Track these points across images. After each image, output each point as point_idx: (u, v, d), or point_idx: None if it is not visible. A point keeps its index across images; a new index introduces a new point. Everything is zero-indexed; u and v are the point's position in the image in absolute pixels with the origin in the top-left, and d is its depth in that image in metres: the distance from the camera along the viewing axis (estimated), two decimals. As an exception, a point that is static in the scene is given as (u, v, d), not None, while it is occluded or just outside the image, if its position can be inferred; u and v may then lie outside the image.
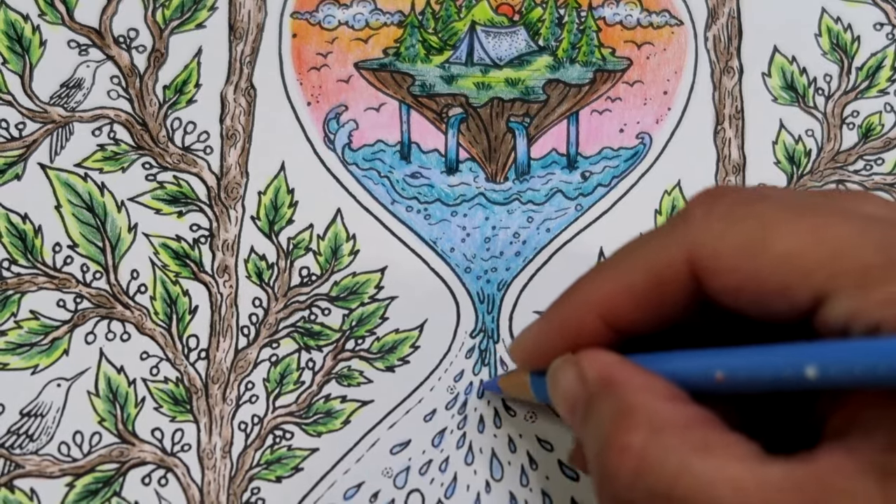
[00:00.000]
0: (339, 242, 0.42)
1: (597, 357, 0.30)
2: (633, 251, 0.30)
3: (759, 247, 0.27)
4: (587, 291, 0.31)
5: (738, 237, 0.27)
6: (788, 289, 0.26)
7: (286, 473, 0.39)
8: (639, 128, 0.44)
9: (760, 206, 0.28)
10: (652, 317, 0.30)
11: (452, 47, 0.44)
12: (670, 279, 0.29)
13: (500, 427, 0.40)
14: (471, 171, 0.43)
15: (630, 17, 0.45)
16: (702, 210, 0.29)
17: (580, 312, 0.31)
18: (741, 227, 0.27)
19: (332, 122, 0.43)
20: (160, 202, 0.42)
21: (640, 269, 0.29)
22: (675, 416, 0.27)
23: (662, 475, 0.26)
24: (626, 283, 0.30)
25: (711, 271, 0.28)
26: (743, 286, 0.27)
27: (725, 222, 0.28)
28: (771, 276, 0.27)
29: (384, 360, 0.41)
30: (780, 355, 0.26)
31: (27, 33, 0.44)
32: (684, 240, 0.28)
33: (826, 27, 0.46)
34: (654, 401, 0.28)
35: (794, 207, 0.27)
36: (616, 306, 0.30)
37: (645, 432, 0.27)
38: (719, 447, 0.26)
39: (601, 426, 0.28)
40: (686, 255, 0.28)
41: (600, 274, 0.31)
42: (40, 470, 0.39)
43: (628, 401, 0.28)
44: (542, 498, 0.39)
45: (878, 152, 0.44)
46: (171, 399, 0.40)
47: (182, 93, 0.43)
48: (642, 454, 0.26)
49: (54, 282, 0.41)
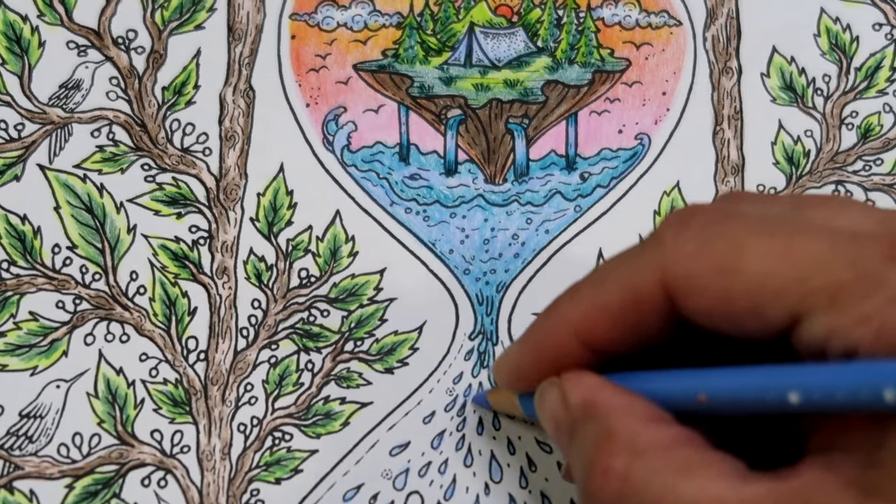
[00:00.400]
0: (338, 244, 0.42)
1: (579, 380, 0.30)
2: (607, 272, 0.30)
3: (731, 267, 0.27)
4: (563, 312, 0.31)
5: (709, 258, 0.27)
6: (762, 309, 0.26)
7: (285, 475, 0.39)
8: (637, 129, 0.44)
9: (731, 226, 0.27)
10: (629, 337, 0.30)
11: (451, 49, 0.44)
12: (645, 300, 0.29)
13: (499, 429, 0.40)
14: (470, 172, 0.43)
15: (629, 17, 0.45)
16: (672, 231, 0.28)
17: (557, 334, 0.31)
18: (712, 247, 0.27)
19: (330, 123, 0.43)
20: (159, 203, 0.42)
21: (615, 291, 0.29)
22: (656, 438, 0.27)
23: (645, 497, 0.26)
24: (601, 304, 0.29)
25: (684, 292, 0.28)
26: (716, 307, 0.27)
27: (696, 243, 0.28)
28: (743, 296, 0.27)
29: (383, 362, 0.41)
30: (763, 379, 0.26)
31: (26, 34, 0.44)
32: (657, 261, 0.28)
33: (825, 27, 0.46)
34: (635, 423, 0.28)
35: (764, 226, 0.27)
36: (592, 327, 0.30)
37: (626, 455, 0.27)
38: (702, 467, 0.26)
39: (584, 449, 0.28)
40: (659, 277, 0.28)
41: (576, 295, 0.31)
42: (40, 471, 0.39)
43: (610, 424, 0.28)
44: (542, 500, 0.39)
45: (877, 153, 0.44)
46: (170, 400, 0.40)
47: (181, 94, 0.43)
48: (624, 477, 0.26)
49: (53, 283, 0.41)
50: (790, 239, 0.26)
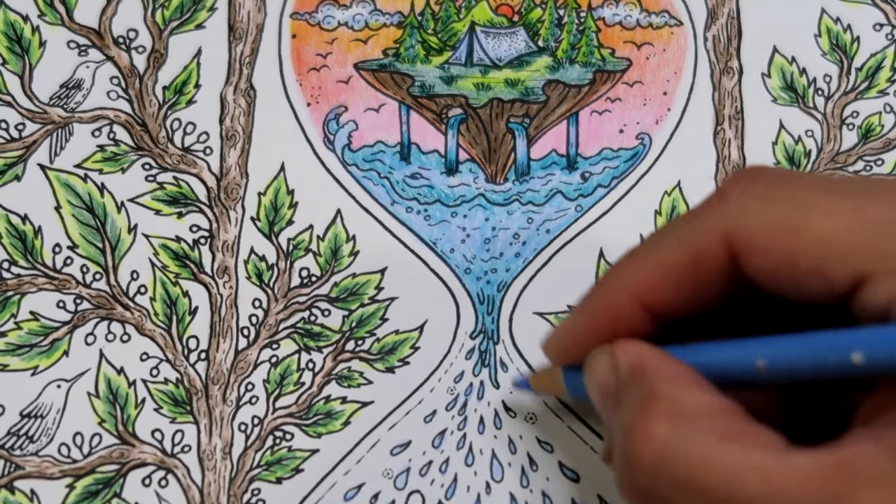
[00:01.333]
0: (339, 243, 0.42)
1: (630, 346, 0.30)
2: (668, 233, 0.30)
3: (797, 227, 0.27)
4: (623, 276, 0.30)
5: (775, 217, 0.27)
6: (826, 270, 0.26)
7: (286, 474, 0.39)
8: (638, 128, 0.44)
9: (798, 187, 0.27)
10: (690, 298, 0.29)
11: (452, 48, 0.44)
12: (707, 259, 0.28)
13: (500, 428, 0.40)
14: (470, 171, 0.43)
15: (629, 17, 0.45)
16: (738, 189, 0.28)
17: (616, 298, 0.30)
18: (778, 207, 0.27)
19: (331, 122, 0.43)
20: (160, 203, 0.42)
21: (677, 250, 0.29)
22: (700, 405, 0.27)
23: (685, 463, 0.26)
24: (663, 265, 0.29)
25: (748, 251, 0.27)
26: (779, 267, 0.27)
27: (762, 202, 0.28)
28: (808, 257, 0.26)
29: (384, 362, 0.41)
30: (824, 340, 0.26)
31: (27, 34, 0.44)
32: (721, 219, 0.28)
33: (826, 28, 0.46)
34: (679, 389, 0.27)
35: (831, 189, 0.27)
36: (653, 288, 0.29)
37: (669, 420, 0.26)
38: (745, 436, 0.26)
39: (628, 413, 0.28)
40: (722, 235, 0.28)
41: (636, 257, 0.30)
42: (40, 471, 0.39)
43: (654, 389, 0.28)
44: (543, 499, 0.39)
45: (877, 153, 0.44)
46: (171, 400, 0.40)
47: (182, 93, 0.43)
48: (665, 441, 0.26)
49: (54, 283, 0.41)
50: (858, 202, 0.26)
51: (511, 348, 0.41)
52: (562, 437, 0.40)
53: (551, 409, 0.40)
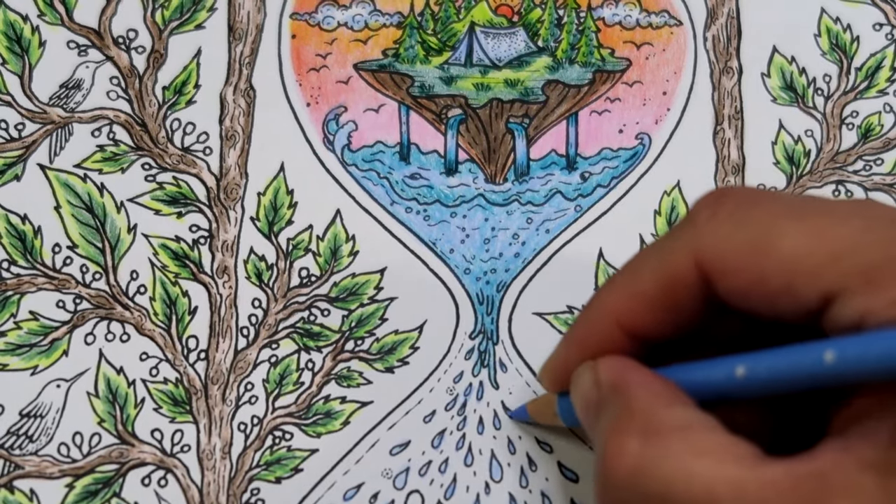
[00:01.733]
0: (339, 243, 0.42)
1: (611, 361, 0.30)
2: (642, 260, 0.30)
3: (765, 248, 0.27)
4: (602, 303, 0.31)
5: (743, 238, 0.28)
6: (795, 289, 0.27)
7: (286, 474, 0.39)
8: (638, 128, 0.44)
9: (765, 208, 0.28)
10: (667, 321, 0.30)
11: (451, 48, 0.44)
12: (681, 282, 0.29)
13: (499, 428, 0.40)
14: (470, 172, 0.43)
15: (629, 17, 0.45)
16: (707, 213, 0.29)
17: (598, 324, 0.31)
18: (746, 228, 0.28)
19: (331, 123, 0.43)
20: (160, 203, 0.42)
21: (651, 275, 0.30)
22: (673, 419, 0.27)
23: (658, 478, 0.26)
24: (638, 290, 0.30)
25: (719, 273, 0.28)
26: (751, 286, 0.27)
27: (731, 224, 0.28)
28: (777, 277, 0.27)
29: (383, 361, 0.41)
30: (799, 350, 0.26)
31: (26, 34, 0.44)
32: (691, 243, 0.29)
33: (825, 27, 0.46)
34: (654, 404, 0.28)
35: (798, 209, 0.28)
36: (631, 312, 0.30)
37: (642, 435, 0.27)
38: (718, 449, 0.26)
39: (603, 429, 0.28)
40: (693, 258, 0.28)
41: (614, 284, 0.31)
42: (40, 471, 0.39)
43: (629, 404, 0.28)
44: (542, 499, 0.39)
45: (877, 152, 0.44)
46: (170, 400, 0.40)
47: (181, 94, 0.43)
48: (638, 457, 0.26)
49: (54, 282, 0.41)
50: (825, 220, 0.27)
51: (510, 349, 0.41)
52: (561, 437, 0.40)
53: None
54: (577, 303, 0.42)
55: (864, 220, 0.27)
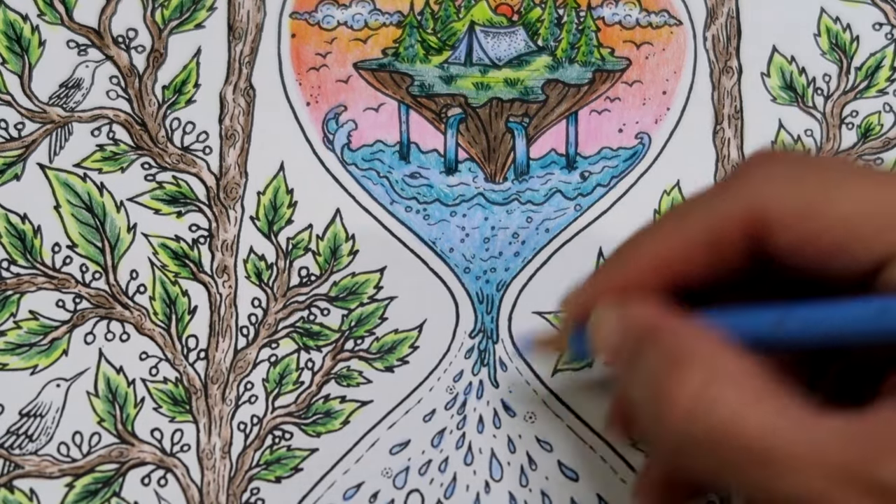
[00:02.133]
0: (339, 243, 0.42)
1: (644, 305, 0.30)
2: (690, 208, 0.30)
3: (822, 206, 0.27)
4: (644, 246, 0.31)
5: (800, 196, 0.27)
6: (850, 248, 0.27)
7: (286, 474, 0.39)
8: (638, 128, 0.44)
9: (822, 167, 0.28)
10: (708, 272, 0.30)
11: (451, 47, 0.44)
12: (730, 236, 0.29)
13: (499, 427, 0.40)
14: (470, 171, 0.43)
15: (629, 17, 0.45)
16: (761, 169, 0.29)
17: (637, 267, 0.31)
18: (803, 186, 0.28)
19: (331, 122, 0.43)
20: (159, 202, 0.42)
21: (700, 225, 0.29)
22: (729, 364, 0.27)
23: (717, 420, 0.26)
24: (685, 239, 0.30)
25: (772, 228, 0.28)
26: (804, 244, 0.27)
27: (787, 181, 0.28)
28: (833, 234, 0.27)
29: (383, 361, 0.41)
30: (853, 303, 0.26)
31: (26, 33, 0.44)
32: (744, 197, 0.28)
33: (825, 27, 0.46)
34: (708, 348, 0.27)
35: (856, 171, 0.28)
36: (674, 261, 0.30)
37: (699, 378, 0.26)
38: (775, 397, 0.26)
39: (652, 371, 0.28)
40: (745, 212, 0.28)
41: (657, 229, 0.31)
42: (40, 470, 0.39)
43: (682, 346, 0.28)
44: (542, 498, 0.39)
45: (877, 152, 0.44)
46: (170, 399, 0.40)
47: (181, 93, 0.43)
48: (696, 399, 0.26)
49: (53, 282, 0.41)
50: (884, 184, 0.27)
51: (510, 347, 0.41)
52: (561, 436, 0.40)
53: (551, 409, 0.40)
54: (576, 302, 0.42)
55: None
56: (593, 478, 0.39)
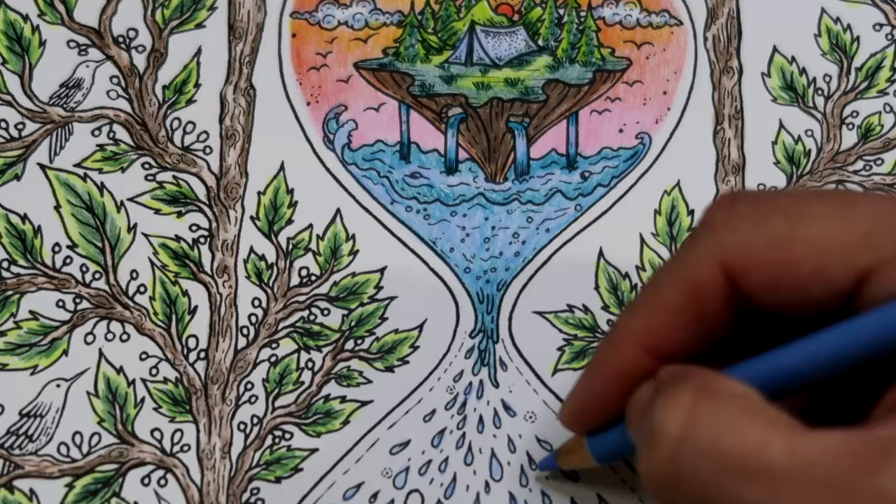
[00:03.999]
0: (339, 242, 0.42)
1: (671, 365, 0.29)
2: (663, 274, 0.30)
3: (790, 236, 0.27)
4: (626, 328, 0.30)
5: (766, 231, 0.27)
6: (828, 272, 0.26)
7: (286, 474, 0.39)
8: (638, 128, 0.44)
9: (783, 199, 0.28)
10: (694, 335, 0.29)
11: (452, 47, 0.44)
12: (706, 289, 0.28)
13: (499, 427, 0.40)
14: (470, 171, 0.43)
15: (629, 17, 0.45)
16: (723, 213, 0.28)
17: (622, 351, 0.30)
18: (768, 220, 0.27)
19: (331, 122, 0.43)
20: (159, 202, 0.42)
21: (674, 287, 0.29)
22: (726, 385, 0.27)
23: (711, 434, 0.25)
24: (663, 307, 0.29)
25: (746, 271, 0.28)
26: (780, 279, 0.27)
27: (751, 220, 0.28)
28: (808, 263, 0.27)
29: (383, 361, 0.41)
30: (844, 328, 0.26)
31: (27, 33, 0.44)
32: (712, 246, 0.28)
33: (826, 27, 0.46)
34: (707, 374, 0.27)
35: (816, 196, 0.28)
36: (658, 332, 0.29)
37: (695, 392, 0.26)
38: (771, 415, 0.25)
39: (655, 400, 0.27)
40: (717, 260, 0.28)
41: (636, 307, 0.30)
42: (40, 470, 0.39)
43: (683, 371, 0.28)
44: (542, 498, 0.39)
45: (877, 153, 0.44)
46: (170, 399, 0.40)
47: (181, 93, 0.43)
48: (691, 412, 0.26)
49: (53, 282, 0.41)
50: (848, 200, 0.27)
51: (511, 347, 0.41)
52: (561, 436, 0.40)
53: (550, 409, 0.40)
54: (577, 301, 0.42)
55: (887, 197, 0.27)
56: (593, 478, 0.39)
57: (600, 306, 0.42)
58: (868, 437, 0.24)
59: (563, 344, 0.41)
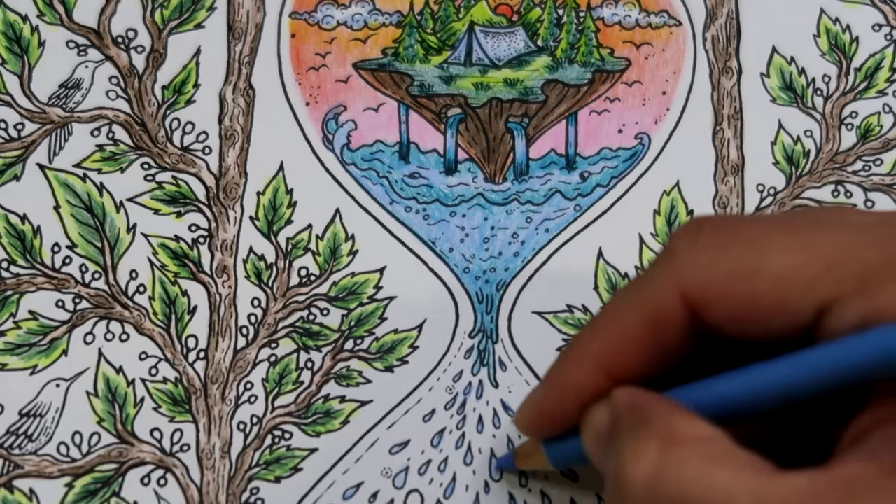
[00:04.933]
0: (338, 243, 0.42)
1: (626, 388, 0.29)
2: (625, 298, 0.30)
3: (753, 268, 0.27)
4: (585, 347, 0.30)
5: (729, 263, 0.27)
6: (789, 305, 0.26)
7: (285, 473, 0.39)
8: (637, 128, 0.44)
9: (746, 229, 0.28)
10: (653, 359, 0.29)
11: (451, 48, 0.44)
12: (666, 318, 0.28)
13: (499, 427, 0.40)
14: (469, 171, 0.43)
15: (629, 17, 0.45)
16: (685, 243, 0.28)
17: (581, 370, 0.30)
18: (730, 252, 0.27)
19: (330, 122, 0.43)
20: (159, 202, 0.42)
21: (635, 314, 0.29)
22: (691, 430, 0.27)
23: (677, 484, 0.25)
24: (622, 331, 0.29)
25: (707, 301, 0.28)
26: (741, 311, 0.27)
27: (713, 250, 0.28)
28: (769, 295, 0.27)
29: (383, 361, 0.41)
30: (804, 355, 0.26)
31: (26, 34, 0.44)
32: (673, 276, 0.28)
33: (825, 28, 0.46)
34: (671, 417, 0.27)
35: (779, 226, 0.27)
36: (617, 355, 0.29)
37: (661, 442, 0.26)
38: (736, 460, 0.26)
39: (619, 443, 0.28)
40: (678, 291, 0.28)
41: (595, 327, 0.30)
42: (39, 470, 0.39)
43: (646, 417, 0.27)
44: (542, 498, 0.39)
45: (876, 153, 0.44)
46: (169, 399, 0.40)
47: (181, 93, 0.43)
48: (657, 462, 0.26)
49: (53, 282, 0.41)
50: (809, 232, 0.27)
51: (510, 347, 0.41)
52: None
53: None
54: (576, 302, 0.42)
55: (849, 228, 0.27)
56: (593, 478, 0.39)
57: (600, 306, 0.42)
58: (832, 477, 0.24)
59: (563, 344, 0.41)
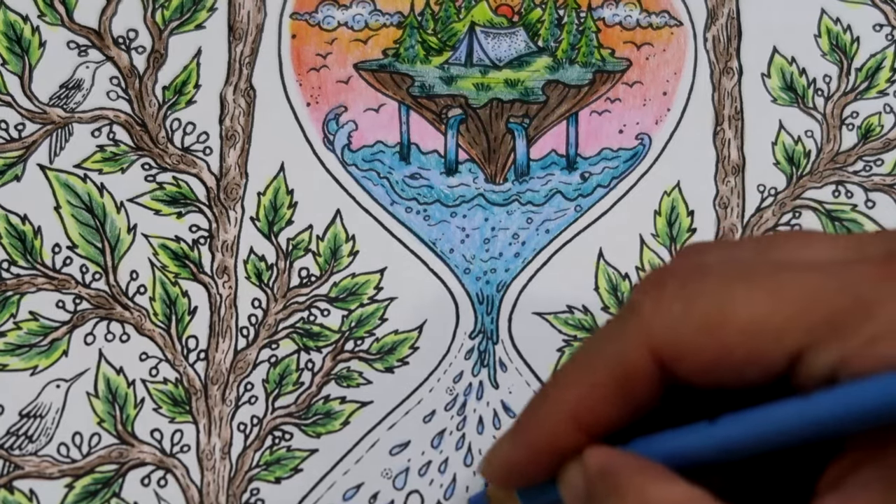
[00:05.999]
0: (339, 243, 0.42)
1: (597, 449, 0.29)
2: (592, 352, 0.29)
3: (721, 321, 0.26)
4: (554, 400, 0.30)
5: (696, 317, 0.27)
6: (760, 356, 0.26)
7: (285, 474, 0.39)
8: (638, 129, 0.44)
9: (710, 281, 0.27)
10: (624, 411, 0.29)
11: (452, 48, 0.44)
12: (636, 374, 0.28)
13: (499, 428, 0.40)
14: (470, 172, 0.43)
15: (629, 17, 0.45)
16: (650, 298, 0.28)
17: (551, 423, 0.30)
18: (696, 305, 0.27)
19: (331, 122, 0.43)
20: (159, 203, 0.42)
21: (605, 372, 0.28)
22: (664, 495, 0.26)
23: None
24: (592, 386, 0.29)
25: (677, 357, 0.27)
26: (712, 364, 0.27)
27: (678, 304, 0.27)
28: (740, 347, 0.26)
29: (383, 361, 0.41)
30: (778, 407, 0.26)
31: (27, 34, 0.44)
32: (641, 333, 0.28)
33: (825, 28, 0.46)
34: (644, 482, 0.27)
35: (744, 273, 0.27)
36: (588, 409, 0.29)
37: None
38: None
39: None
40: (647, 348, 0.27)
41: (565, 380, 0.30)
42: (39, 471, 0.39)
43: (621, 484, 0.27)
44: (542, 499, 0.39)
45: (877, 153, 0.44)
46: (170, 400, 0.40)
47: (181, 94, 0.43)
48: None
49: (53, 283, 0.41)
50: (776, 279, 0.26)
51: (510, 348, 0.41)
52: None
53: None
54: (576, 302, 0.42)
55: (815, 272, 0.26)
56: None
57: (600, 307, 0.42)
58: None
59: (563, 345, 0.41)
